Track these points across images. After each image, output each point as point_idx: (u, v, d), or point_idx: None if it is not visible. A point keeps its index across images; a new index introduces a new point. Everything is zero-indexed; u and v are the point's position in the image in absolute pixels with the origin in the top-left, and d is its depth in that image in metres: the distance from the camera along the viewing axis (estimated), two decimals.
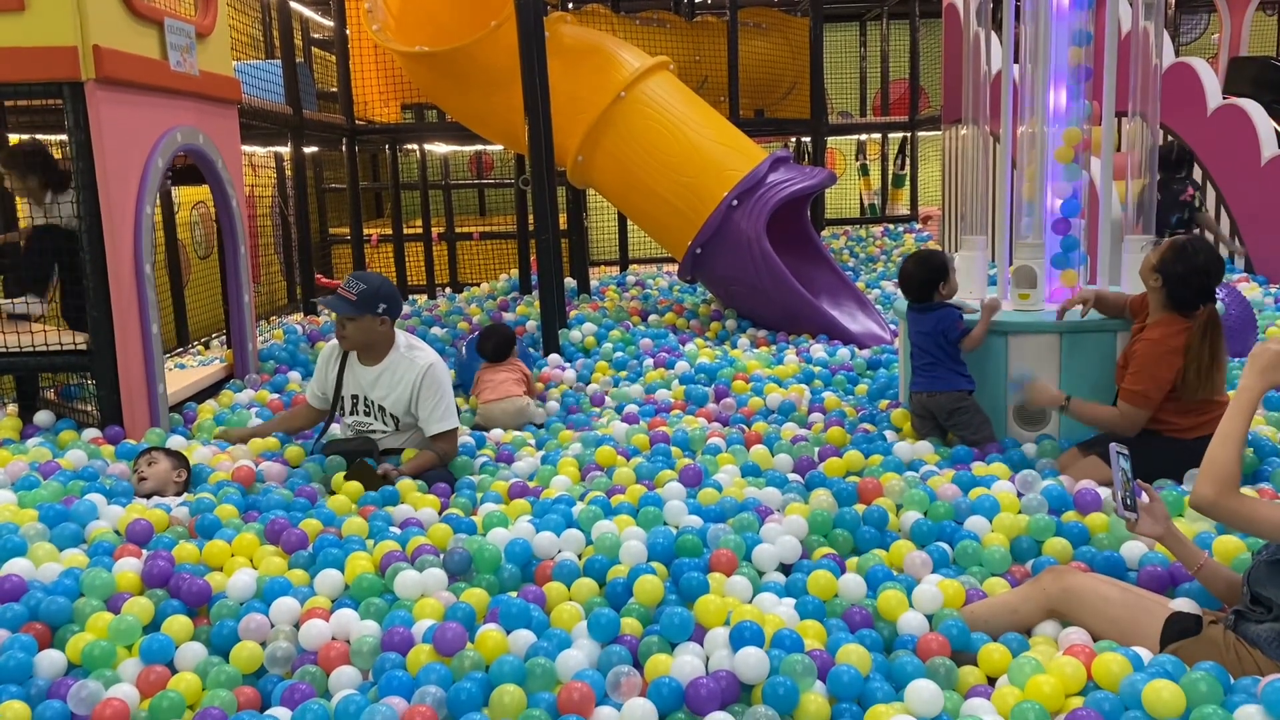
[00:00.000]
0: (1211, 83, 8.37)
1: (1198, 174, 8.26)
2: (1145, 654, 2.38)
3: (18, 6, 4.11)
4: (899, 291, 4.42)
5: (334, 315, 4.12)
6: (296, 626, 2.73)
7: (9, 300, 4.66)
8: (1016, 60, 4.62)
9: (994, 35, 5.94)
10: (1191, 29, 15.21)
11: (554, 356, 6.06)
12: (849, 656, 2.45)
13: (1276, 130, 7.86)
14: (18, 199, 5.19)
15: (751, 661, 2.39)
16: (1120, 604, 2.50)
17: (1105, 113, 4.56)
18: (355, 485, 3.79)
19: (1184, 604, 2.59)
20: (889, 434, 4.37)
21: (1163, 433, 3.62)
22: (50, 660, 2.61)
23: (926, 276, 4.24)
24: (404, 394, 4.06)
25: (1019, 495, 3.50)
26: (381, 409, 4.11)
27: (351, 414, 4.19)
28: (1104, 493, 3.46)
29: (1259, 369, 2.38)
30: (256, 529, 3.32)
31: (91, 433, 4.42)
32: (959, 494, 3.50)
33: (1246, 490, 2.62)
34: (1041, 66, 4.43)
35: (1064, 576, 2.63)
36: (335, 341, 4.19)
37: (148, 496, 3.71)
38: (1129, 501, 2.56)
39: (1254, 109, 7.93)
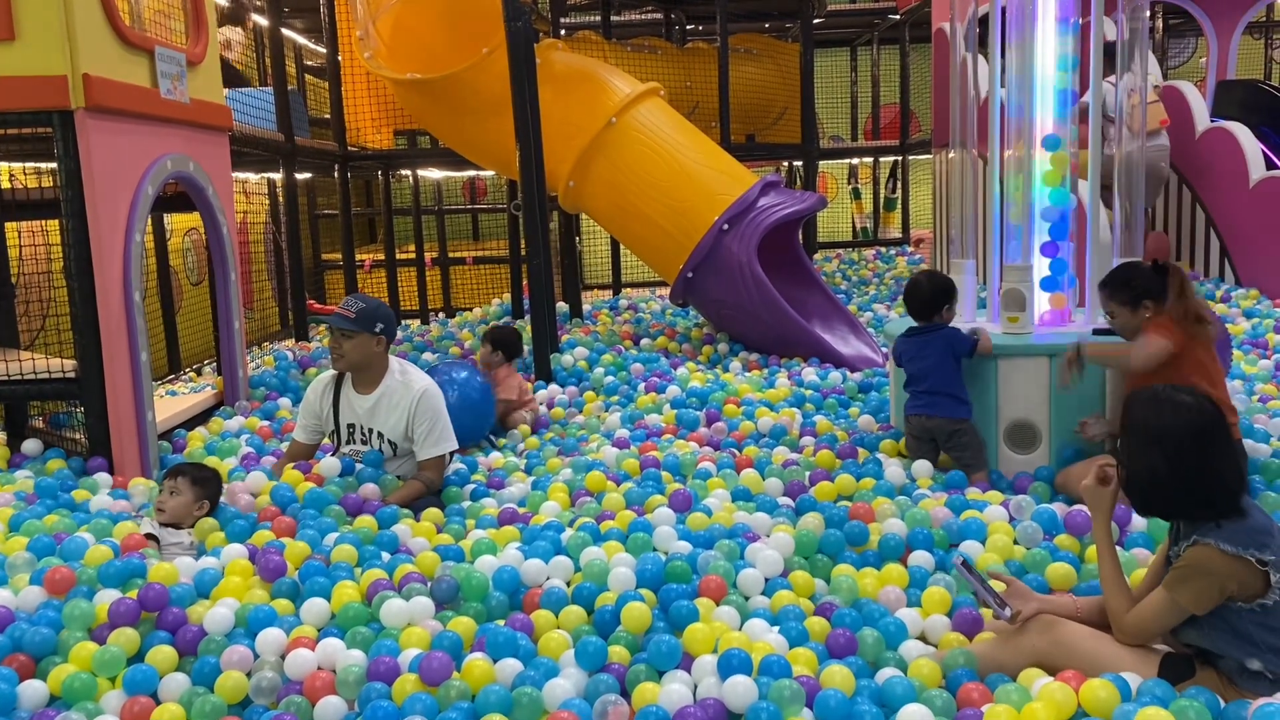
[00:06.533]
0: (1199, 106, 8.43)
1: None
2: (1134, 680, 2.37)
3: (7, 36, 4.12)
4: (890, 314, 4.42)
5: (329, 338, 4.11)
6: (282, 656, 2.70)
7: None
8: (1004, 84, 4.65)
9: (982, 59, 5.98)
10: (1179, 53, 15.33)
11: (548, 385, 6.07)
12: (833, 679, 2.44)
13: (1264, 153, 7.89)
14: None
15: (739, 690, 2.37)
16: (1112, 653, 2.46)
17: (1092, 136, 4.59)
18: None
19: None
20: (881, 457, 4.36)
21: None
22: (33, 691, 2.58)
23: (932, 295, 4.22)
24: (400, 420, 4.06)
25: (1011, 521, 3.49)
26: (380, 435, 4.10)
27: (348, 443, 4.17)
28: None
29: (1091, 508, 2.63)
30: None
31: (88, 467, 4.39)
32: (950, 516, 3.50)
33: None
34: (1028, 91, 4.46)
35: (1052, 629, 2.56)
36: (328, 373, 4.18)
37: (164, 525, 3.56)
38: (999, 599, 2.63)
39: (1242, 132, 7.98)
